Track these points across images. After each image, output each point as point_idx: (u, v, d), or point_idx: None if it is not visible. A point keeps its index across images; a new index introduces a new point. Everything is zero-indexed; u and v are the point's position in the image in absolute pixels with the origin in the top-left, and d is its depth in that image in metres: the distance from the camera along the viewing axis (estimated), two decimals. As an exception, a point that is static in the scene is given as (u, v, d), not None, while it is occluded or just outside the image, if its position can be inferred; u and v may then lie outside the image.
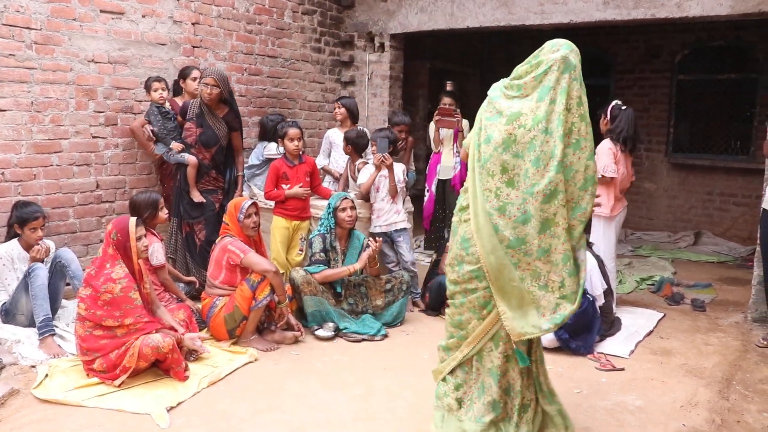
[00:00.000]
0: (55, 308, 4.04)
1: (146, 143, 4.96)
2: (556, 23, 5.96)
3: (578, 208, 2.60)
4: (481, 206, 2.62)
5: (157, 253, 4.16)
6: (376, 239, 4.56)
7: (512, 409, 2.77)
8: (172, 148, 4.81)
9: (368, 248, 4.52)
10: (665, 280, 5.87)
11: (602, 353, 4.09)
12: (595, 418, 3.19)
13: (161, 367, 3.51)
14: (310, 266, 4.46)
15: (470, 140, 2.76)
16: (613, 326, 4.45)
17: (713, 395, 3.54)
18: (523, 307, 2.62)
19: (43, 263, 4.01)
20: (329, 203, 4.61)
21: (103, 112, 4.84)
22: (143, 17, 5.03)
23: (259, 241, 4.36)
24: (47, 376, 3.44)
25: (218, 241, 4.24)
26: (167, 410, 3.14)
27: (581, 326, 4.05)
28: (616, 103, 4.79)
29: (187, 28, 5.39)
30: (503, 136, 2.58)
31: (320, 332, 4.27)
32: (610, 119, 4.73)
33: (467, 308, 2.74)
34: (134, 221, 3.58)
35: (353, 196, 4.80)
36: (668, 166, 8.64)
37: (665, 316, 4.97)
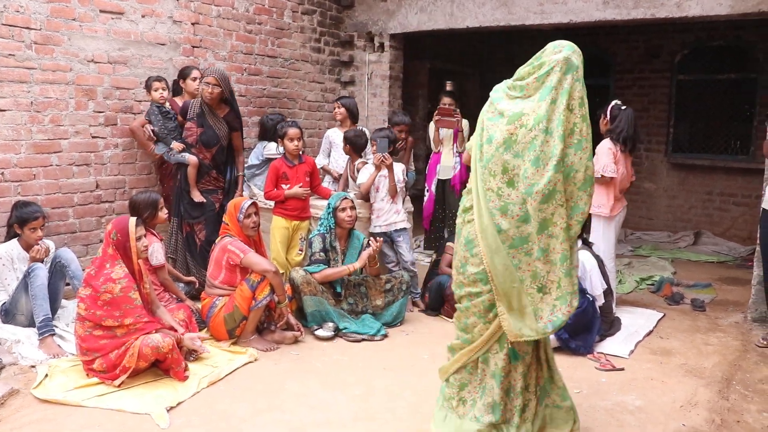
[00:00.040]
0: (54, 308, 4.04)
1: (146, 143, 4.96)
2: (555, 23, 5.97)
3: (577, 208, 2.62)
4: (484, 206, 2.64)
5: (156, 253, 4.16)
6: (376, 239, 4.56)
7: (512, 410, 2.79)
8: (172, 147, 4.81)
9: (368, 248, 4.52)
10: (665, 280, 5.87)
11: (602, 353, 4.09)
12: (594, 418, 3.19)
13: (161, 367, 3.51)
14: (309, 266, 4.46)
15: (473, 142, 2.78)
16: (612, 326, 4.45)
17: (713, 395, 3.54)
18: (522, 309, 2.64)
19: (42, 263, 4.01)
20: (329, 203, 4.61)
21: (102, 112, 4.84)
22: (143, 17, 5.03)
23: (258, 241, 4.36)
24: (47, 376, 3.44)
25: (218, 241, 4.24)
26: (167, 410, 3.14)
27: (581, 326, 4.05)
28: (615, 103, 4.79)
29: (186, 28, 5.39)
30: (504, 135, 2.59)
31: (320, 332, 4.27)
32: (609, 119, 4.73)
33: (472, 312, 2.76)
34: (134, 221, 3.58)
35: (353, 196, 4.80)
36: (668, 166, 8.64)
37: (665, 316, 4.97)
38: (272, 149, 5.53)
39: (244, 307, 3.98)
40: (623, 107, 4.73)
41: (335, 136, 5.69)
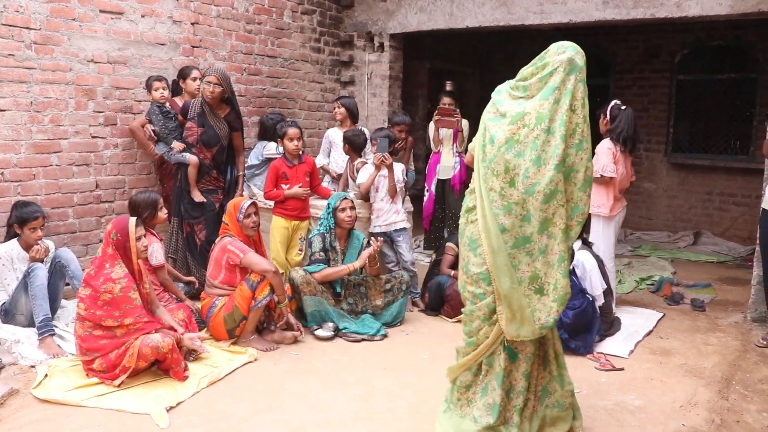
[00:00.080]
0: (54, 308, 4.04)
1: (146, 143, 4.96)
2: (555, 23, 5.97)
3: (576, 208, 2.64)
4: (487, 206, 2.65)
5: (156, 253, 4.16)
6: (376, 239, 4.56)
7: (511, 410, 2.79)
8: (173, 147, 4.81)
9: (369, 247, 4.52)
10: (665, 280, 5.87)
11: (602, 353, 4.09)
12: (594, 418, 3.19)
13: (161, 367, 3.51)
14: (309, 266, 4.46)
15: (475, 142, 2.80)
16: (612, 326, 4.45)
17: (713, 395, 3.54)
18: (521, 309, 2.66)
19: (42, 263, 4.01)
20: (329, 203, 4.61)
21: (102, 112, 4.84)
22: (142, 17, 5.03)
23: (258, 241, 4.36)
24: (47, 376, 3.44)
25: (218, 241, 4.24)
26: (167, 410, 3.14)
27: (581, 326, 4.05)
28: (615, 103, 4.79)
29: (186, 28, 5.38)
30: (507, 135, 2.61)
31: (320, 332, 4.26)
32: (609, 119, 4.73)
33: (476, 316, 2.78)
34: (134, 221, 3.58)
35: (353, 196, 4.80)
36: (668, 165, 8.64)
37: (665, 316, 4.97)
38: (272, 149, 5.52)
39: (243, 307, 3.98)
40: (623, 107, 4.72)
41: (335, 135, 5.69)
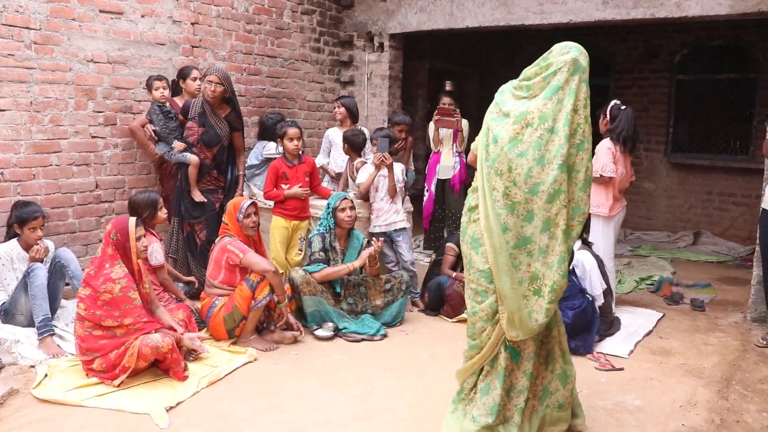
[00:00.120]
0: (54, 308, 4.04)
1: (146, 143, 4.96)
2: (555, 23, 5.97)
3: (578, 208, 2.66)
4: (490, 206, 2.66)
5: (156, 253, 4.16)
6: (377, 240, 4.55)
7: (512, 409, 2.80)
8: (174, 147, 4.81)
9: (369, 247, 4.52)
10: (664, 279, 5.87)
11: (601, 353, 4.09)
12: (594, 418, 3.19)
13: (160, 366, 3.51)
14: (309, 266, 4.46)
15: (478, 142, 2.80)
16: (612, 326, 4.45)
17: (712, 395, 3.54)
18: (519, 311, 2.66)
19: (42, 263, 4.01)
20: (328, 203, 4.61)
21: (102, 112, 4.84)
22: (142, 17, 5.03)
23: (258, 241, 4.36)
24: (46, 376, 3.44)
25: (217, 240, 4.24)
26: (166, 410, 3.14)
27: (580, 326, 4.05)
28: (615, 102, 4.79)
29: (186, 27, 5.38)
30: (510, 135, 2.62)
31: (319, 332, 4.26)
32: (609, 119, 4.73)
33: (479, 318, 2.79)
34: (134, 221, 3.58)
35: (352, 196, 4.80)
36: (667, 165, 8.64)
37: (664, 315, 4.97)
38: (272, 149, 5.52)
39: (243, 306, 3.98)
40: (623, 107, 4.72)
41: (335, 135, 5.69)
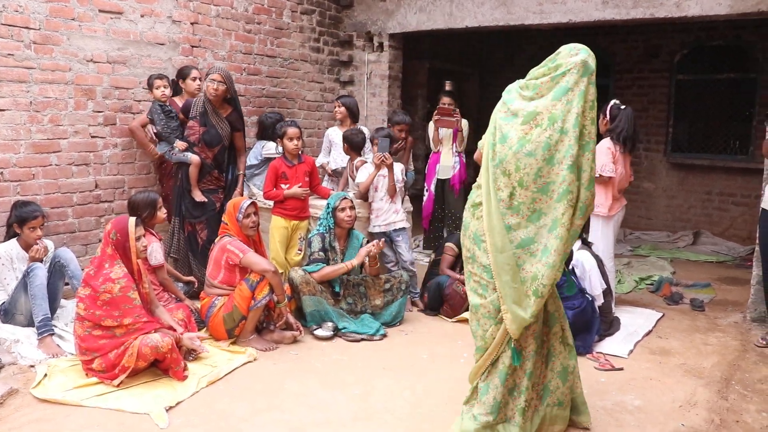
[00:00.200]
0: (54, 308, 4.04)
1: (145, 143, 4.96)
2: (555, 23, 5.97)
3: (583, 208, 2.66)
4: (494, 206, 2.66)
5: (155, 252, 4.16)
6: (378, 240, 4.55)
7: (514, 409, 2.80)
8: (175, 146, 4.80)
9: (368, 244, 4.52)
10: (664, 279, 5.87)
11: (601, 353, 4.09)
12: (594, 417, 3.19)
13: (160, 366, 3.51)
14: (308, 265, 4.46)
15: (485, 141, 2.80)
16: (612, 326, 4.45)
17: (712, 395, 3.54)
18: (519, 308, 2.66)
19: (42, 263, 4.01)
20: (328, 203, 4.61)
21: (101, 111, 4.84)
22: (142, 17, 5.03)
23: (258, 240, 4.36)
24: (46, 375, 3.44)
25: (217, 240, 4.24)
26: (166, 410, 3.14)
27: (580, 326, 4.04)
28: (614, 102, 4.79)
29: (185, 27, 5.38)
30: (519, 135, 2.63)
31: (319, 332, 4.26)
32: (609, 119, 4.73)
33: (482, 314, 2.79)
34: (133, 221, 3.58)
35: (352, 195, 4.80)
36: (667, 165, 8.64)
37: (664, 315, 4.97)
38: (271, 149, 5.52)
39: (243, 306, 3.98)
40: (622, 107, 4.73)
41: (335, 135, 5.69)
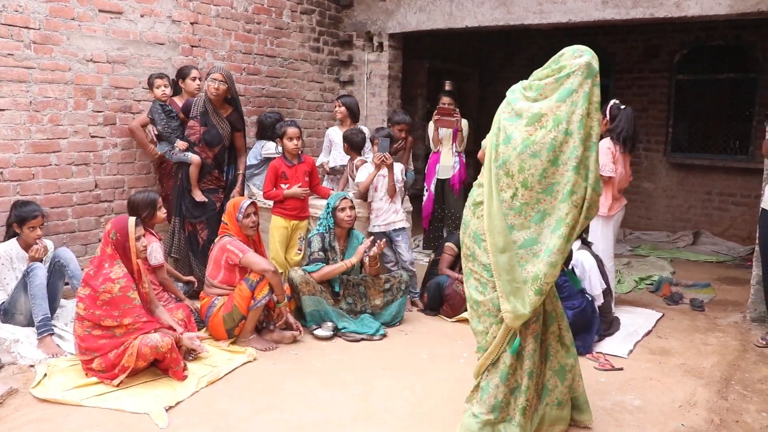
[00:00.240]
0: (53, 308, 4.04)
1: (145, 143, 4.95)
2: (554, 23, 5.97)
3: (590, 207, 2.66)
4: (496, 206, 2.67)
5: (155, 252, 4.16)
6: (379, 241, 4.55)
7: (514, 408, 2.80)
8: (176, 146, 4.80)
9: (366, 240, 4.51)
10: (664, 279, 5.87)
11: (601, 353, 4.09)
12: (594, 417, 3.18)
13: (160, 366, 3.51)
14: (308, 265, 4.46)
15: (488, 141, 2.80)
16: (611, 326, 4.45)
17: (712, 395, 3.54)
18: (519, 305, 2.66)
19: (41, 263, 4.01)
20: (328, 203, 4.61)
21: (101, 111, 4.84)
22: (142, 17, 5.03)
23: (258, 240, 4.36)
24: (46, 375, 3.44)
25: (217, 240, 4.24)
26: (166, 410, 3.14)
27: (580, 326, 4.04)
28: (614, 102, 4.79)
29: (185, 27, 5.38)
30: (523, 136, 2.63)
31: (319, 332, 4.26)
32: (609, 119, 4.73)
33: (482, 312, 2.79)
34: (133, 221, 3.58)
35: (352, 195, 4.80)
36: (667, 165, 8.64)
37: (664, 315, 4.97)
38: (271, 148, 5.51)
39: (243, 306, 3.98)
40: (622, 107, 4.73)
41: (335, 134, 5.68)
